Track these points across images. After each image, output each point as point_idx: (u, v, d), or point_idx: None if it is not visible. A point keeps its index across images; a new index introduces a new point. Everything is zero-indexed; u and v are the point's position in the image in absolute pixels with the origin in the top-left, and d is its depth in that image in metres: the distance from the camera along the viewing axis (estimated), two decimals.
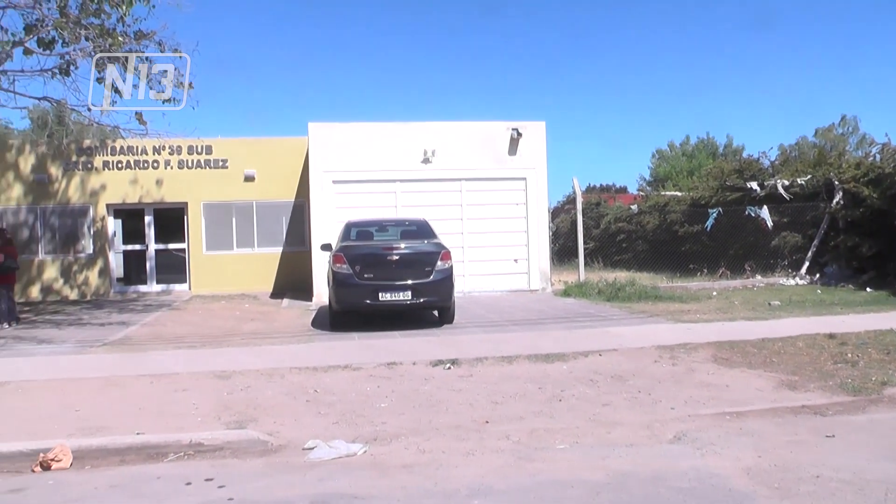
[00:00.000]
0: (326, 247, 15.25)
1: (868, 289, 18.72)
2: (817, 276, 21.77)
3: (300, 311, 17.24)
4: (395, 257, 13.61)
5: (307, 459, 6.50)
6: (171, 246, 23.68)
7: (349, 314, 13.98)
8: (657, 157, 59.75)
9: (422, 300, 13.56)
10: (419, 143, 20.14)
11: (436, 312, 14.56)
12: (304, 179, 22.06)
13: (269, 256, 23.25)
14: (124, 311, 18.61)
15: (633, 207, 30.70)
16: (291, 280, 22.66)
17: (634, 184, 60.52)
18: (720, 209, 23.91)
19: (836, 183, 21.80)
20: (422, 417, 7.61)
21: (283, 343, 12.46)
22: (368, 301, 13.44)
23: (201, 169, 23.36)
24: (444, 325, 13.88)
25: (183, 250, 23.55)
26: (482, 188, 20.24)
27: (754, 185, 23.92)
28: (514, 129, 20.31)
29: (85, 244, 23.21)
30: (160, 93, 15.06)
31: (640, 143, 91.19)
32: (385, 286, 13.42)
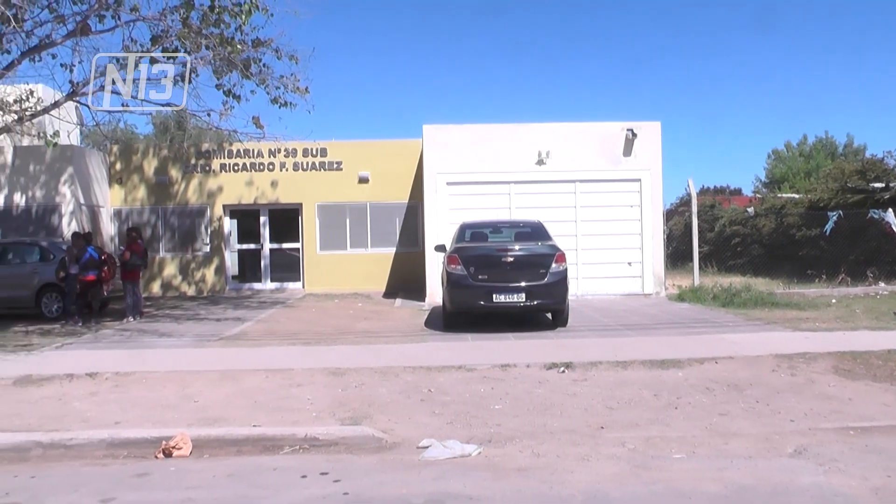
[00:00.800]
0: (440, 248, 15.30)
1: None
2: None
3: (413, 311, 17.35)
4: (510, 259, 13.54)
5: (422, 458, 6.51)
6: (285, 245, 24.28)
7: (462, 315, 13.99)
8: (773, 157, 57.47)
9: (535, 302, 13.45)
10: (533, 144, 19.99)
11: (549, 315, 14.41)
12: (418, 181, 22.27)
13: (383, 257, 23.56)
14: (239, 307, 19.19)
15: (749, 210, 29.78)
16: (404, 280, 22.90)
17: (749, 185, 58.48)
18: (840, 212, 22.77)
19: None
20: (536, 420, 7.54)
21: (397, 342, 12.54)
22: (482, 302, 13.41)
23: (316, 171, 23.88)
24: (558, 328, 13.71)
25: (297, 250, 24.10)
26: (596, 190, 19.93)
27: (879, 186, 22.70)
28: (628, 130, 19.94)
29: (202, 243, 24.10)
30: (276, 98, 15.44)
31: (756, 144, 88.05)
32: (499, 288, 13.35)
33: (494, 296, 13.31)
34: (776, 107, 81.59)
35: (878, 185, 22.73)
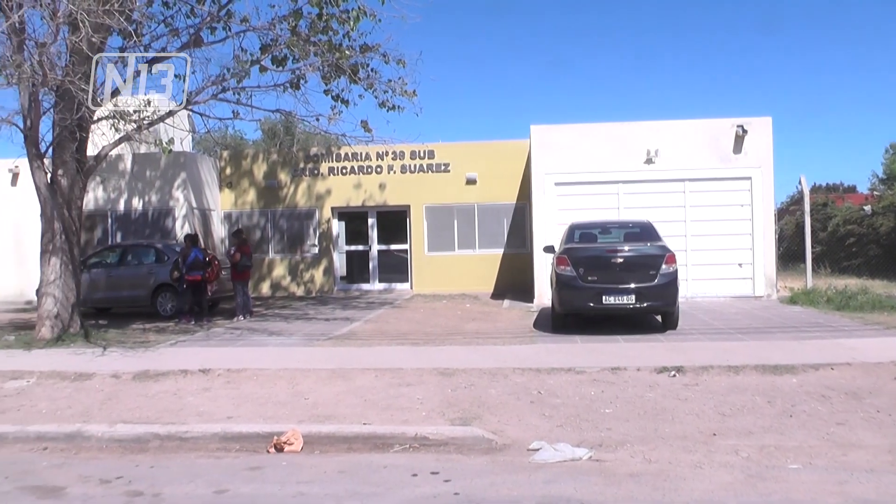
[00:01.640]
0: (549, 249, 15.23)
1: None
2: None
3: (521, 313, 17.30)
4: (619, 260, 13.38)
5: (532, 460, 6.48)
6: (392, 247, 24.62)
7: (571, 316, 13.90)
8: (891, 152, 54.70)
9: (645, 304, 13.26)
10: (641, 142, 19.66)
11: (659, 317, 14.16)
12: (526, 182, 22.22)
13: (490, 258, 23.58)
14: (348, 307, 19.52)
15: (866, 208, 28.56)
16: (512, 281, 22.88)
17: (865, 182, 55.80)
18: None
19: None
20: (647, 425, 7.41)
21: (506, 343, 12.51)
22: (592, 304, 13.29)
23: (423, 173, 24.11)
24: (668, 331, 13.45)
25: (405, 251, 24.39)
26: (706, 189, 19.43)
27: None
28: (738, 126, 19.35)
29: (311, 245, 24.69)
30: (384, 102, 15.65)
31: (871, 138, 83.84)
32: (608, 289, 13.20)
33: (604, 297, 13.17)
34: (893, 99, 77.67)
35: None
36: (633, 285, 13.13)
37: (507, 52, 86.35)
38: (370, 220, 24.60)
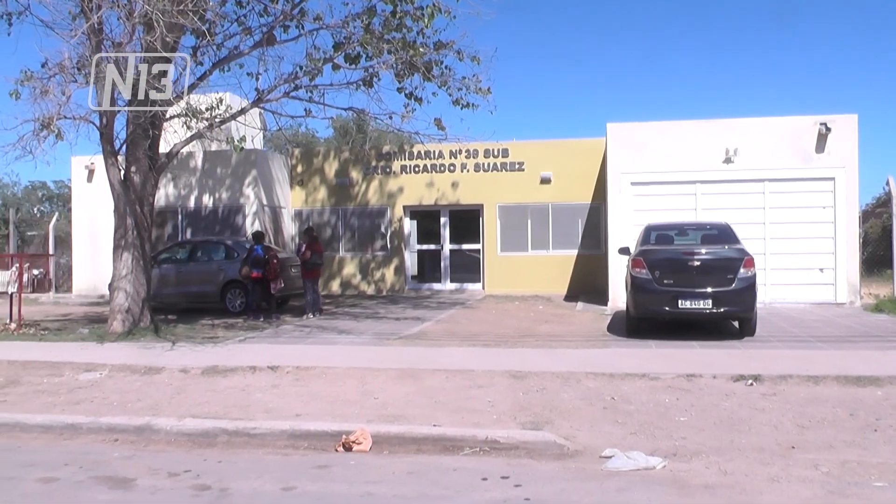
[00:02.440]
0: (624, 250, 15.09)
1: None
2: None
3: (595, 316, 17.19)
4: (696, 263, 13.20)
5: (604, 468, 6.41)
6: (465, 246, 24.69)
7: (646, 321, 13.78)
8: None
9: (722, 309, 13.06)
10: (720, 141, 19.32)
11: (736, 323, 13.96)
12: (601, 181, 22.06)
13: (564, 259, 23.44)
14: (418, 307, 19.66)
15: None
16: (586, 283, 22.72)
17: None
18: None
19: None
20: (723, 435, 7.26)
21: (579, 347, 12.42)
22: (667, 308, 13.17)
23: (497, 172, 24.10)
24: (745, 338, 13.21)
25: (477, 251, 24.42)
26: (786, 189, 19.02)
27: None
28: (822, 124, 18.84)
29: (382, 243, 24.92)
30: (458, 99, 15.70)
31: None
32: (685, 293, 13.04)
33: (680, 301, 13.03)
34: None
35: None
36: (709, 289, 12.98)
37: (585, 47, 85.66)
38: (442, 219, 24.71)
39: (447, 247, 24.77)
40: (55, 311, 19.66)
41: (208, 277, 18.94)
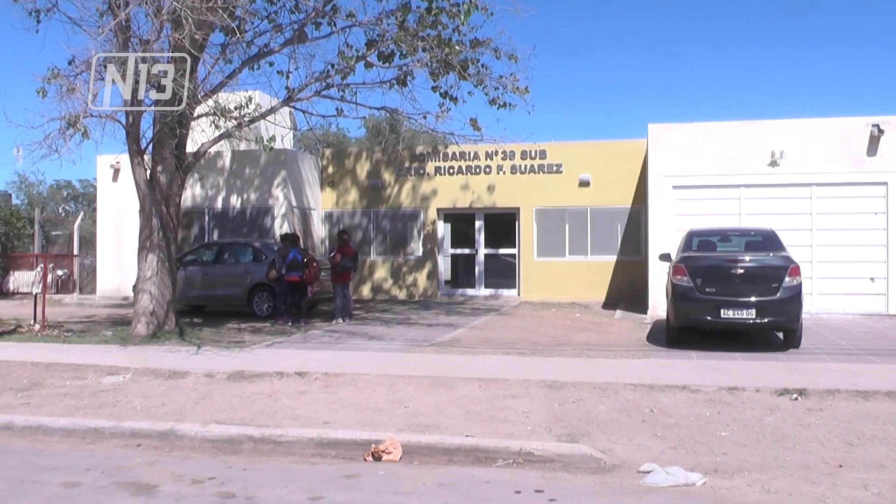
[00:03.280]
0: (665, 257, 15.04)
1: None
2: None
3: (634, 324, 17.12)
4: (740, 271, 13.09)
5: (642, 483, 6.38)
6: (500, 251, 24.63)
7: (687, 330, 13.68)
8: None
9: (766, 319, 12.93)
10: (766, 143, 19.09)
11: (780, 334, 13.83)
12: (642, 184, 21.94)
13: (603, 265, 23.31)
14: (452, 313, 19.67)
15: None
16: (624, 290, 22.55)
17: None
18: None
19: None
20: (766, 452, 7.18)
21: (617, 357, 12.37)
22: (709, 317, 13.06)
23: (534, 174, 24.02)
24: (789, 350, 13.07)
25: (513, 256, 24.36)
26: (834, 194, 18.77)
27: None
28: (874, 126, 18.52)
29: (414, 247, 24.94)
30: (494, 99, 15.68)
31: None
32: (727, 302, 12.93)
33: (722, 311, 12.92)
34: None
35: None
36: (753, 298, 12.86)
37: (626, 46, 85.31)
38: (477, 223, 24.66)
39: (482, 251, 24.72)
40: (79, 313, 19.94)
41: (235, 280, 19.07)
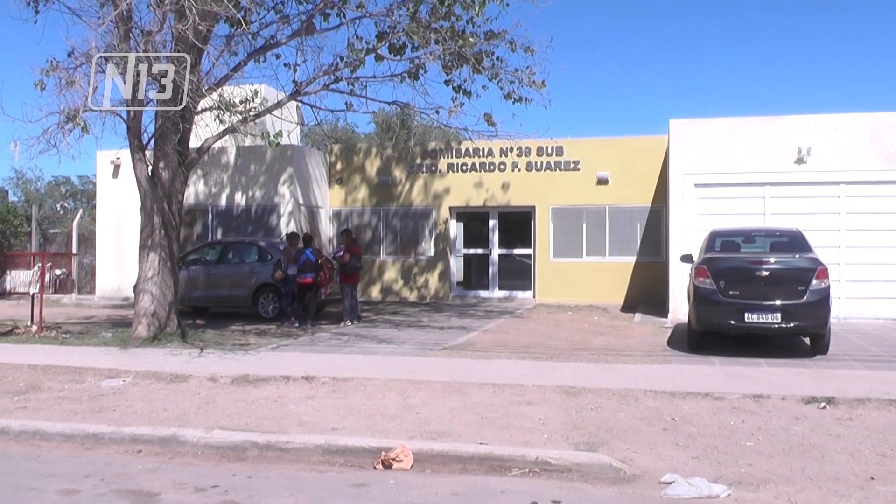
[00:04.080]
0: (687, 258, 14.98)
1: None
2: None
3: (654, 328, 17.06)
4: (765, 273, 13.02)
5: (664, 495, 6.35)
6: (515, 251, 24.60)
7: (709, 335, 13.63)
8: None
9: (792, 324, 12.85)
10: (791, 139, 18.96)
11: (807, 339, 13.74)
12: (663, 182, 21.86)
13: (621, 266, 23.24)
14: (464, 315, 19.66)
15: None
16: (644, 293, 22.49)
17: None
18: None
19: None
20: (793, 463, 7.12)
21: (637, 362, 12.33)
22: (732, 322, 12.98)
23: (551, 171, 23.96)
24: (817, 356, 12.98)
25: (528, 256, 24.31)
26: (865, 193, 18.65)
27: None
28: None
29: (426, 247, 24.92)
30: (510, 93, 15.65)
31: None
32: (751, 306, 12.85)
33: (746, 315, 12.84)
34: None
35: None
36: (779, 302, 12.78)
37: (647, 39, 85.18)
38: (491, 222, 24.63)
39: (496, 251, 24.67)
40: (78, 314, 20.01)
41: (239, 280, 19.08)
